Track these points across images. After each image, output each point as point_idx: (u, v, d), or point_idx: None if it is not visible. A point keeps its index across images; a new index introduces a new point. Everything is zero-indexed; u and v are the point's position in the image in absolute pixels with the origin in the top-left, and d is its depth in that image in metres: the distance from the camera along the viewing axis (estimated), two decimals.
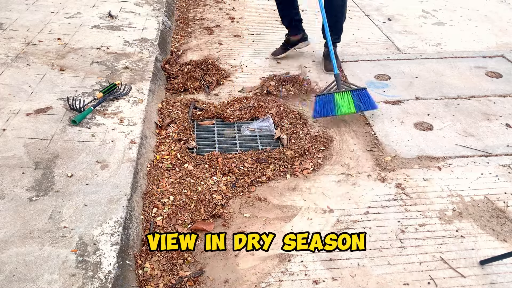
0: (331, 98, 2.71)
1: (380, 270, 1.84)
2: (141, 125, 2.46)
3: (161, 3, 4.27)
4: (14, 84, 2.72)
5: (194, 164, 2.38)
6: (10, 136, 2.27)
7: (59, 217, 1.84)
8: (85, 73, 2.92)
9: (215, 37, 3.93)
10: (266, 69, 3.40)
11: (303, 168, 2.38)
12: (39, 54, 3.10)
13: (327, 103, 2.71)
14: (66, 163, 2.14)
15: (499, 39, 3.90)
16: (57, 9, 3.87)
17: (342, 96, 2.69)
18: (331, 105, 2.69)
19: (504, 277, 1.82)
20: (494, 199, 2.19)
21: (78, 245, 1.72)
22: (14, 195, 1.93)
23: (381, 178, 2.32)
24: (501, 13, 4.48)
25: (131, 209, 1.94)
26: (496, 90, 3.12)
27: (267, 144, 2.59)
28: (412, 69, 3.38)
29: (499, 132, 2.69)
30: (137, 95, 2.73)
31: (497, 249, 1.93)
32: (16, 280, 1.57)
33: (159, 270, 1.80)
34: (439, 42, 3.84)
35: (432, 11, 4.49)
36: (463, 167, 2.41)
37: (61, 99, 2.62)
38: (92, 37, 3.42)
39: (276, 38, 3.85)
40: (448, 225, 2.06)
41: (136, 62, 3.12)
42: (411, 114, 2.84)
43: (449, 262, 1.87)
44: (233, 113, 2.81)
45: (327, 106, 2.69)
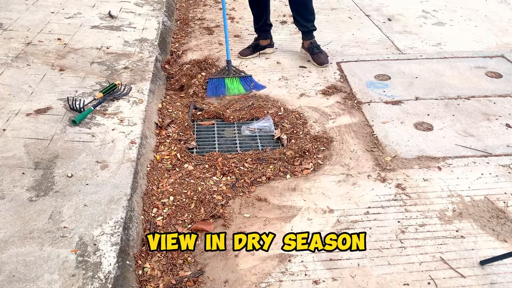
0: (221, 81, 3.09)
1: (380, 270, 1.84)
2: (141, 125, 2.46)
3: (161, 3, 4.27)
4: (14, 84, 2.72)
5: (194, 164, 2.38)
6: (10, 136, 2.27)
7: (59, 217, 1.84)
8: (85, 73, 2.92)
9: (215, 37, 3.93)
10: (266, 69, 3.40)
11: (303, 168, 2.38)
12: (39, 54, 3.10)
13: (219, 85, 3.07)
14: (66, 163, 2.14)
15: (499, 39, 3.91)
16: (57, 9, 3.87)
17: (231, 81, 3.09)
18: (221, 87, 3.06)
19: (504, 277, 1.82)
20: (494, 199, 2.19)
21: (78, 245, 1.72)
22: (14, 195, 1.93)
23: (381, 178, 2.32)
24: (501, 13, 4.48)
25: (131, 209, 1.94)
26: (496, 90, 3.12)
27: (267, 144, 2.59)
28: (412, 69, 3.38)
29: (499, 132, 2.69)
30: (137, 95, 2.73)
31: (497, 249, 1.93)
32: (16, 280, 1.57)
33: (159, 270, 1.80)
34: (439, 42, 3.84)
35: (432, 11, 4.49)
36: (463, 167, 2.41)
37: (61, 99, 2.62)
38: (92, 37, 3.42)
39: (276, 38, 3.85)
40: (448, 225, 2.06)
41: (136, 62, 3.12)
42: (411, 114, 2.84)
43: (449, 262, 1.87)
44: (233, 113, 2.81)
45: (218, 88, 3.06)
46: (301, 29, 3.41)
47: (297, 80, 3.23)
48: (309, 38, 3.43)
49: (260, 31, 3.53)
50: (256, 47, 3.59)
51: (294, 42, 3.81)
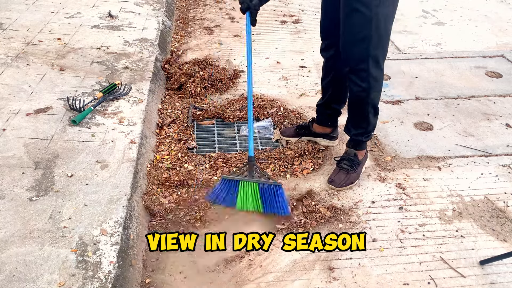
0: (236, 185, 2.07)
1: (380, 270, 1.84)
2: (141, 125, 2.46)
3: (161, 3, 4.27)
4: (14, 84, 2.71)
5: (194, 164, 2.38)
6: (10, 136, 2.27)
7: (59, 217, 1.84)
8: (85, 73, 2.92)
9: (215, 37, 3.93)
10: (266, 69, 3.40)
11: (303, 168, 2.38)
12: (39, 54, 3.10)
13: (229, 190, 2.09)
14: (66, 163, 2.14)
15: (499, 39, 3.90)
16: (57, 9, 3.87)
17: (247, 187, 2.05)
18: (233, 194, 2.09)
19: (504, 277, 1.82)
20: (494, 199, 2.19)
21: (78, 245, 1.72)
22: (14, 195, 1.93)
23: (381, 178, 2.32)
24: (501, 13, 4.48)
25: (131, 209, 1.94)
26: (496, 90, 3.12)
27: (267, 144, 2.59)
28: (412, 69, 3.38)
29: (499, 132, 2.69)
30: (137, 95, 2.73)
31: (497, 249, 1.93)
32: (16, 280, 1.57)
33: None
34: (439, 42, 3.84)
35: (432, 11, 4.49)
36: (463, 167, 2.41)
37: (61, 99, 2.62)
38: (92, 37, 3.42)
39: (276, 38, 3.85)
40: (448, 225, 2.06)
41: (136, 62, 3.12)
42: (411, 114, 2.84)
43: (449, 262, 1.87)
44: (233, 113, 2.81)
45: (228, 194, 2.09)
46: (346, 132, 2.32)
47: (297, 80, 3.23)
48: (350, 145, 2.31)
49: (318, 111, 2.50)
50: (305, 129, 2.54)
51: (294, 42, 3.81)
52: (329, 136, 2.50)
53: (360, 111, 2.16)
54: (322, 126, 2.48)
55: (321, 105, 2.44)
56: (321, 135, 2.50)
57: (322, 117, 2.46)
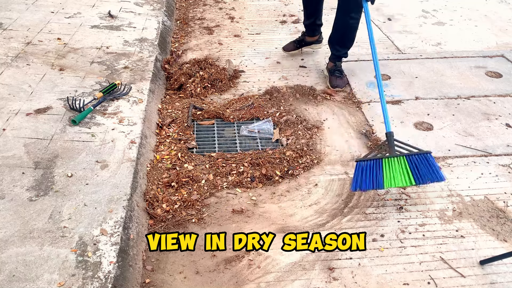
0: (378, 165, 2.06)
1: (380, 270, 1.84)
2: (141, 125, 2.46)
3: (161, 3, 4.27)
4: (14, 84, 2.71)
5: (194, 164, 2.38)
6: (10, 136, 2.27)
7: (59, 217, 1.84)
8: (85, 73, 2.92)
9: (215, 37, 3.93)
10: (266, 69, 3.40)
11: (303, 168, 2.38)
12: (39, 54, 3.10)
13: (372, 171, 2.07)
14: (66, 163, 2.14)
15: (499, 39, 3.90)
16: (57, 9, 3.87)
17: (393, 163, 2.05)
18: (378, 175, 2.05)
19: (504, 277, 1.82)
20: (494, 199, 2.20)
21: (78, 245, 1.72)
22: (14, 195, 1.93)
23: None
24: (501, 13, 4.48)
25: (131, 209, 1.94)
26: (496, 90, 3.12)
27: (267, 144, 2.59)
28: (412, 69, 3.38)
29: (499, 132, 2.69)
30: (137, 95, 2.73)
31: (497, 249, 1.93)
32: (16, 280, 1.57)
33: None
34: (439, 42, 3.84)
35: (432, 11, 4.49)
36: (463, 167, 2.41)
37: (61, 99, 2.62)
38: (92, 37, 3.42)
39: (276, 38, 3.85)
40: (448, 225, 2.06)
41: (136, 62, 3.12)
42: (411, 114, 2.84)
43: (449, 262, 1.87)
44: (233, 113, 2.81)
45: (372, 176, 2.06)
46: (333, 52, 3.15)
47: (297, 80, 3.23)
48: (335, 61, 3.16)
49: (308, 29, 3.40)
50: (300, 42, 3.49)
51: None
52: (317, 41, 3.51)
53: (352, 36, 3.05)
54: (312, 37, 3.46)
55: (308, 25, 3.36)
56: (312, 42, 3.51)
57: (311, 31, 3.42)
